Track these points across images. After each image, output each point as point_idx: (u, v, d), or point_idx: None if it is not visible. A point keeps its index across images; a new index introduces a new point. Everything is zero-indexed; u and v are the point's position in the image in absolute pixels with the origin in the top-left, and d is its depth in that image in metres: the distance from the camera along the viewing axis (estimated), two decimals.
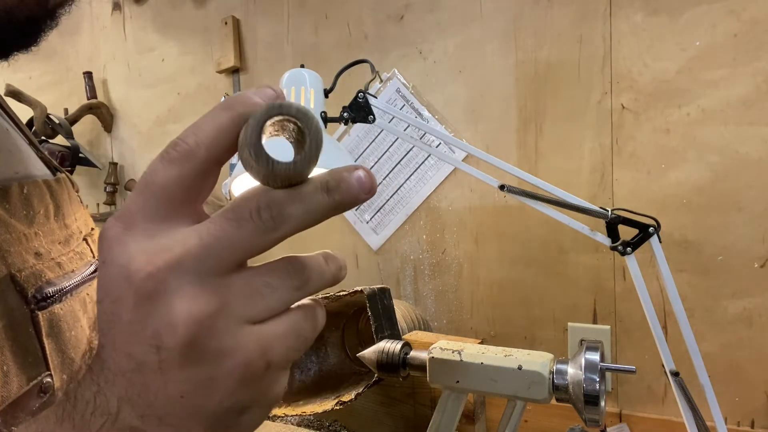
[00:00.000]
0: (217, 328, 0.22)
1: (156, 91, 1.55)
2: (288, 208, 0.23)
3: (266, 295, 0.23)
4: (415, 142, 0.75)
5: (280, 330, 0.23)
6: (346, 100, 0.72)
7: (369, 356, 0.69)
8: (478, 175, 0.71)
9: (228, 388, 0.22)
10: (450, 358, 0.62)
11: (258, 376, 0.23)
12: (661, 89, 0.91)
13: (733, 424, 0.88)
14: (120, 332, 0.22)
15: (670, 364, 0.66)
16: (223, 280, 0.22)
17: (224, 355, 0.22)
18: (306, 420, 0.95)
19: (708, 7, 0.87)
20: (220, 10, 1.41)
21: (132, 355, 0.22)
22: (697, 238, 0.89)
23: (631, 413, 0.96)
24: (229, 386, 0.22)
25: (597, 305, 0.98)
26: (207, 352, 0.22)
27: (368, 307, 0.80)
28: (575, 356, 0.58)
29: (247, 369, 0.22)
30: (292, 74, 0.69)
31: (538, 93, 1.02)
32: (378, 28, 1.19)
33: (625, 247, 0.67)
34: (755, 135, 0.85)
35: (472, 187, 1.09)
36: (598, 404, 0.55)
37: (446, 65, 1.11)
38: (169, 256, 0.22)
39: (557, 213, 0.69)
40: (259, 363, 0.23)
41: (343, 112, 0.71)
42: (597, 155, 0.97)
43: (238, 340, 0.22)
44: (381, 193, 1.19)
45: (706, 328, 0.89)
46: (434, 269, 1.14)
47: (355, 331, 0.97)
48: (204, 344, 0.22)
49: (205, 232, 0.22)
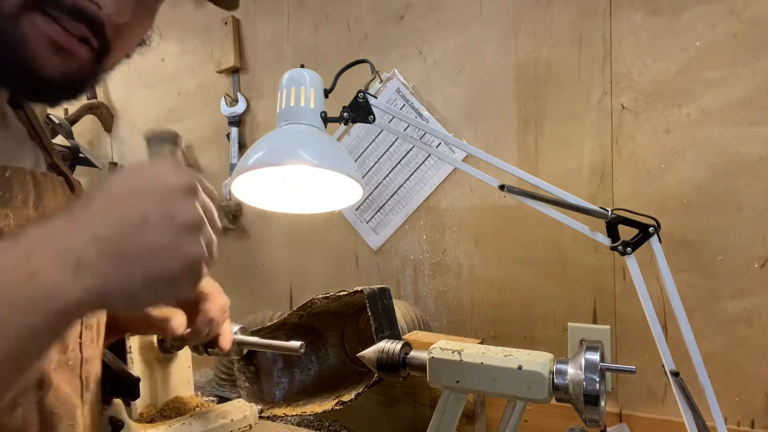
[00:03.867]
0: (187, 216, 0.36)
1: (156, 91, 1.55)
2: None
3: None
4: (415, 142, 0.75)
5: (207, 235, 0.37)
6: (346, 100, 0.72)
7: (369, 356, 0.69)
8: (478, 175, 0.71)
9: (174, 248, 0.35)
10: (450, 358, 0.62)
11: (195, 233, 0.36)
12: (661, 89, 0.91)
13: (733, 424, 0.88)
14: (146, 202, 0.35)
15: (670, 364, 0.66)
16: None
17: (182, 224, 0.35)
18: (306, 420, 0.95)
19: (708, 7, 0.87)
20: (220, 10, 1.40)
21: (145, 214, 0.34)
22: (697, 238, 0.89)
23: (631, 413, 0.96)
24: (174, 245, 0.35)
25: (597, 305, 0.98)
26: (186, 235, 0.35)
27: (368, 307, 0.80)
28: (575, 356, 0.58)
29: (187, 226, 0.35)
30: (292, 74, 0.69)
31: (538, 93, 1.02)
32: (378, 28, 1.19)
33: (625, 247, 0.67)
34: (755, 135, 0.85)
35: (472, 187, 1.09)
36: (598, 404, 0.55)
37: (446, 65, 1.11)
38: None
39: (557, 213, 0.69)
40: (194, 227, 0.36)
41: (343, 112, 0.71)
42: (597, 155, 0.97)
43: (201, 235, 0.36)
44: (381, 193, 1.19)
45: (706, 328, 0.89)
46: (434, 269, 1.14)
47: (355, 331, 0.97)
48: (188, 227, 0.35)
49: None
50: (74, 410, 0.51)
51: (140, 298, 0.34)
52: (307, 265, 1.32)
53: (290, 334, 0.93)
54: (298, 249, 1.33)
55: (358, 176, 0.66)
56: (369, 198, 1.21)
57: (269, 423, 0.84)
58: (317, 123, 0.68)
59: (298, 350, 0.67)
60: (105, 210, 0.34)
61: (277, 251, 1.36)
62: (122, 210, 0.34)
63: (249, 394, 0.91)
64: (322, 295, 0.86)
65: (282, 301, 1.36)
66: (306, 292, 1.32)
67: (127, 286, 0.33)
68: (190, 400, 0.83)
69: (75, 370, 0.52)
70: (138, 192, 0.35)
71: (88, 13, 0.41)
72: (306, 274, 1.33)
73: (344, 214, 1.24)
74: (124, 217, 0.34)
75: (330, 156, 0.64)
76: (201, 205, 0.37)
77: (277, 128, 0.67)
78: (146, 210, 0.34)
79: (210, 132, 1.45)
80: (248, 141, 1.40)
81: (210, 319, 0.63)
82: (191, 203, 0.36)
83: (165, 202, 0.35)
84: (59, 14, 0.40)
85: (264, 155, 0.63)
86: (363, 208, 1.22)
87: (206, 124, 1.45)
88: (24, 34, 0.39)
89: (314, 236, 1.30)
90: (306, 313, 0.90)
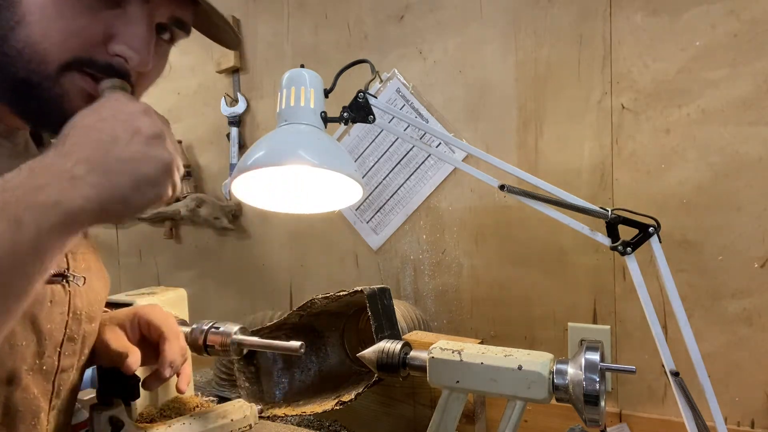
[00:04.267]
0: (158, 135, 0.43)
1: (156, 91, 1.54)
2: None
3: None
4: (415, 142, 0.75)
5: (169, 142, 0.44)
6: (346, 100, 0.72)
7: (369, 356, 0.69)
8: (478, 175, 0.71)
9: (147, 157, 0.42)
10: (450, 358, 0.62)
11: (160, 142, 0.43)
12: (661, 89, 0.91)
13: (733, 424, 0.88)
14: (113, 125, 0.41)
15: (670, 364, 0.66)
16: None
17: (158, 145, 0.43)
18: (306, 420, 0.95)
19: (708, 7, 0.87)
20: (220, 10, 1.41)
21: (115, 133, 0.41)
22: (697, 238, 0.89)
23: (631, 413, 0.96)
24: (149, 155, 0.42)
25: (597, 305, 0.98)
26: (152, 144, 0.42)
27: (368, 307, 0.80)
28: (575, 356, 0.58)
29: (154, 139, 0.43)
30: (292, 74, 0.69)
31: (538, 93, 1.02)
32: (378, 28, 1.19)
33: (625, 247, 0.67)
34: (755, 135, 0.85)
35: (472, 187, 1.09)
36: (598, 404, 0.55)
37: (446, 65, 1.11)
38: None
39: (557, 213, 0.69)
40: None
41: (343, 112, 0.71)
42: (597, 155, 0.97)
43: (166, 144, 0.44)
44: (381, 193, 1.19)
45: (706, 328, 0.89)
46: (434, 269, 1.15)
47: (355, 331, 0.97)
48: (153, 137, 0.42)
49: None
50: (39, 412, 0.54)
51: (132, 202, 0.41)
52: (307, 265, 1.32)
53: (290, 334, 0.93)
54: (298, 249, 1.33)
55: (358, 176, 0.66)
56: (369, 198, 1.21)
57: (269, 423, 0.84)
58: (317, 123, 0.68)
59: (298, 350, 0.67)
60: (81, 139, 0.41)
61: (277, 251, 1.36)
62: (95, 135, 0.41)
63: (249, 394, 0.91)
64: (322, 295, 0.86)
65: (282, 301, 1.36)
66: (306, 292, 1.32)
67: (118, 191, 0.40)
68: (190, 400, 0.83)
69: (49, 376, 0.55)
70: (104, 119, 0.42)
71: (118, 69, 0.48)
72: (306, 274, 1.33)
73: (344, 214, 1.24)
74: (98, 140, 0.41)
75: (330, 156, 0.64)
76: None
77: (277, 128, 0.67)
78: (115, 130, 0.41)
79: (210, 132, 1.45)
80: (248, 141, 1.40)
81: (170, 360, 0.64)
82: (151, 120, 0.43)
83: (129, 122, 0.42)
84: (94, 72, 0.47)
85: (264, 155, 0.63)
86: (363, 208, 1.22)
87: (206, 124, 1.45)
88: (64, 90, 0.47)
89: (314, 236, 1.30)
90: (306, 313, 0.90)
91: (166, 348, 0.64)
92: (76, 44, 0.46)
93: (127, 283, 1.63)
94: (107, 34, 0.47)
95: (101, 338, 0.63)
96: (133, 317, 0.67)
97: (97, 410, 0.66)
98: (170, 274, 1.56)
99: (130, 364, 0.60)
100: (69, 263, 0.56)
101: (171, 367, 0.64)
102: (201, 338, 0.74)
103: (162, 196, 0.43)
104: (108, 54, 0.48)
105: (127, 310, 0.69)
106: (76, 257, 0.57)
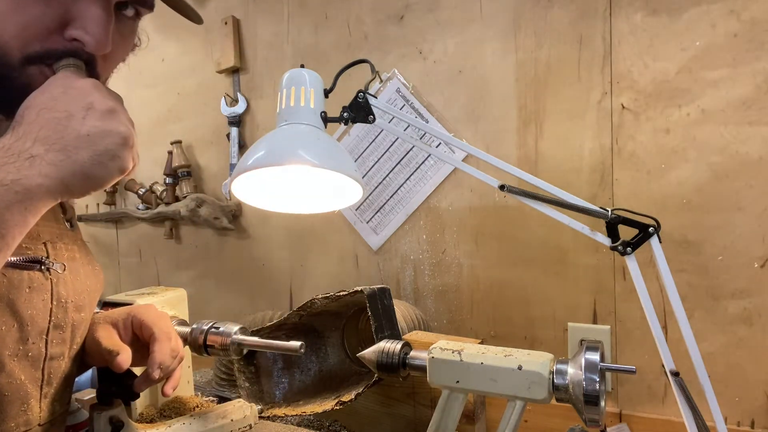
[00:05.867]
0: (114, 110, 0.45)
1: (156, 90, 1.55)
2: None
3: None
4: (415, 142, 0.75)
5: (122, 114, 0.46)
6: (346, 100, 0.72)
7: (369, 356, 0.69)
8: (478, 175, 0.71)
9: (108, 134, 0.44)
10: (450, 358, 0.62)
11: (115, 115, 0.45)
12: (661, 89, 0.91)
13: (733, 424, 0.88)
14: (65, 102, 0.43)
15: (670, 364, 0.66)
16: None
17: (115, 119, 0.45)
18: (306, 420, 0.95)
19: (708, 7, 0.87)
20: (220, 10, 1.41)
21: (69, 110, 0.43)
22: (697, 238, 0.89)
23: (631, 413, 0.96)
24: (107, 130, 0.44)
25: (597, 305, 0.98)
26: (108, 118, 0.44)
27: (368, 307, 0.80)
28: (575, 356, 0.58)
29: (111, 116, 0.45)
30: (292, 74, 0.69)
31: (538, 93, 1.02)
32: (378, 28, 1.19)
33: (625, 247, 0.67)
34: (755, 135, 0.85)
35: (472, 187, 1.09)
36: (598, 404, 0.55)
37: (446, 65, 1.11)
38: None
39: (557, 213, 0.69)
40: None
41: (343, 112, 0.71)
42: (597, 155, 0.97)
43: (121, 118, 0.46)
44: (381, 193, 1.19)
45: (706, 328, 0.89)
46: (434, 269, 1.15)
47: (355, 331, 0.97)
48: (107, 111, 0.44)
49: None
50: (29, 398, 0.55)
51: (95, 176, 0.43)
52: (307, 265, 1.32)
53: (290, 334, 0.93)
54: (298, 249, 1.33)
55: (358, 176, 0.66)
56: (369, 198, 1.21)
57: (269, 423, 0.84)
58: (317, 123, 0.68)
59: (298, 350, 0.67)
60: (36, 119, 0.42)
61: (277, 251, 1.36)
62: (49, 114, 0.42)
63: (249, 394, 0.91)
64: (322, 295, 0.86)
65: (282, 301, 1.36)
66: (306, 292, 1.32)
67: (79, 167, 0.42)
68: (189, 400, 0.83)
69: (36, 363, 0.55)
70: (55, 98, 0.43)
71: (77, 53, 0.49)
72: (306, 274, 1.33)
73: (344, 214, 1.24)
74: (53, 118, 0.42)
75: (330, 156, 0.64)
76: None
77: (277, 128, 0.67)
78: (68, 107, 0.43)
79: (210, 132, 1.45)
80: (248, 141, 1.40)
81: (159, 361, 0.62)
82: (101, 94, 0.45)
83: (80, 98, 0.44)
84: (53, 62, 0.49)
85: (264, 155, 0.63)
86: (363, 208, 1.22)
87: (206, 124, 1.45)
88: (30, 79, 0.48)
89: (314, 236, 1.30)
90: (306, 313, 0.90)
91: (155, 349, 0.63)
92: (32, 34, 0.47)
93: (127, 283, 1.63)
94: (64, 20, 0.48)
95: (93, 336, 0.62)
96: (126, 316, 0.67)
97: (97, 410, 0.66)
98: (170, 274, 1.56)
99: (120, 361, 0.59)
100: (48, 252, 0.56)
101: (160, 368, 0.62)
102: (201, 338, 0.74)
103: (124, 169, 0.45)
104: (65, 40, 0.48)
105: (122, 310, 0.69)
106: (56, 246, 0.57)
